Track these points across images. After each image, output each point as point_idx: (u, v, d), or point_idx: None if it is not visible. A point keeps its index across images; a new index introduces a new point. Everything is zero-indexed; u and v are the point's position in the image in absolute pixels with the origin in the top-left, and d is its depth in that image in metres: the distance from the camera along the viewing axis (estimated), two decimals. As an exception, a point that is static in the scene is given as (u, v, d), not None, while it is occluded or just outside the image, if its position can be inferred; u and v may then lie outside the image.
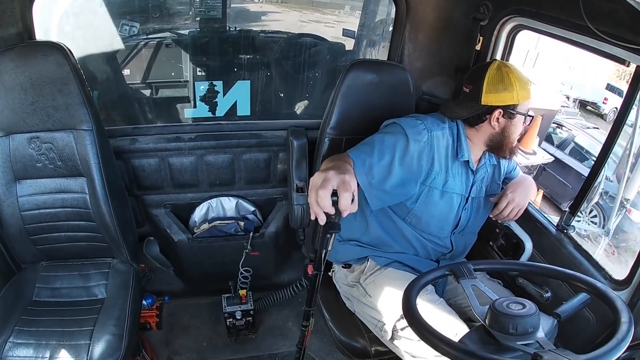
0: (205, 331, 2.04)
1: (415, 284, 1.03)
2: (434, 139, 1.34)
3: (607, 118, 11.22)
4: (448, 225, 1.44)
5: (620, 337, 0.84)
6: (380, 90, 1.55)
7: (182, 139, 1.83)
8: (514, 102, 1.32)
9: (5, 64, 1.37)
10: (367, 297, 1.41)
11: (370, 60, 1.93)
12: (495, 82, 1.32)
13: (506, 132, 1.36)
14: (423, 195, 1.37)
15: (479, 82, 1.33)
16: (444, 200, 1.39)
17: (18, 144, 1.45)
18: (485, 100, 1.33)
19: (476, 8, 1.57)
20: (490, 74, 1.32)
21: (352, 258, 1.50)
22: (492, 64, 1.34)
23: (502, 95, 1.32)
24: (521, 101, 1.33)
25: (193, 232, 1.94)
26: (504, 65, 1.34)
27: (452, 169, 1.38)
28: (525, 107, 1.36)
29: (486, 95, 1.32)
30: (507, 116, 1.34)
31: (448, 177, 1.37)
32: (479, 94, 1.33)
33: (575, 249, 1.34)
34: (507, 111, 1.33)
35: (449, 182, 1.37)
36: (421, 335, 0.91)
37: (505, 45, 1.59)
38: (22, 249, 1.56)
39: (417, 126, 1.33)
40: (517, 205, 1.43)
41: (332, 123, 1.56)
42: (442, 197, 1.38)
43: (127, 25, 2.01)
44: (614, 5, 1.06)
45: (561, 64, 11.47)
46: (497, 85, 1.32)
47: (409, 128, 1.32)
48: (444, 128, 1.37)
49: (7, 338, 1.32)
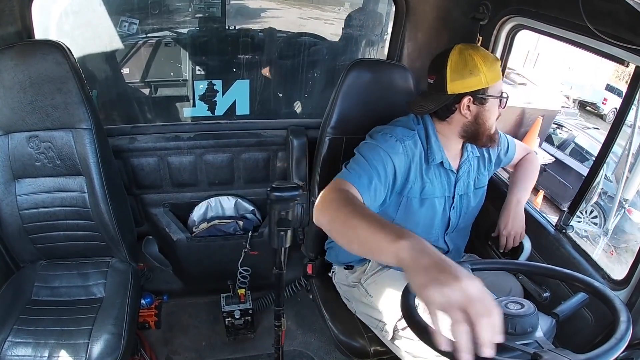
0: (204, 330, 2.04)
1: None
2: (408, 149, 1.27)
3: (606, 118, 11.23)
4: (436, 229, 1.40)
5: (619, 337, 0.83)
6: (382, 90, 1.54)
7: (181, 138, 1.83)
8: (483, 85, 1.23)
9: (4, 62, 1.36)
10: (368, 297, 1.40)
11: (371, 60, 1.93)
12: (459, 67, 1.22)
13: (480, 119, 1.27)
14: (402, 206, 1.32)
15: (442, 71, 1.24)
16: (425, 207, 1.34)
17: (17, 143, 1.44)
18: (452, 88, 1.24)
19: (476, 8, 1.57)
20: (453, 60, 1.23)
21: (354, 259, 1.49)
22: (453, 49, 1.25)
23: (469, 80, 1.22)
24: (491, 83, 1.23)
25: (192, 232, 1.94)
26: (466, 48, 1.24)
27: (428, 175, 1.32)
28: (497, 88, 1.26)
29: (451, 83, 1.23)
30: (477, 102, 1.25)
31: (425, 184, 1.31)
32: (443, 83, 1.24)
33: (574, 249, 1.35)
34: (477, 97, 1.24)
35: (427, 188, 1.32)
36: (420, 335, 0.91)
37: (504, 44, 1.59)
38: (21, 248, 1.56)
39: (389, 141, 1.25)
40: (515, 233, 1.44)
41: (332, 123, 1.55)
42: (422, 205, 1.33)
43: (126, 22, 2.01)
44: (613, 5, 1.06)
45: (561, 65, 11.49)
46: (462, 71, 1.22)
47: (383, 144, 1.25)
48: (414, 135, 1.29)
49: (5, 337, 1.32)
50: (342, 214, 0.93)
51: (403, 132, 1.28)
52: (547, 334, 0.91)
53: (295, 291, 1.93)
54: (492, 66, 1.23)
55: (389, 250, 0.75)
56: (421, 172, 1.30)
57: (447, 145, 1.33)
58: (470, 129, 1.29)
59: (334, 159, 1.58)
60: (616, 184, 4.49)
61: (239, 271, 1.90)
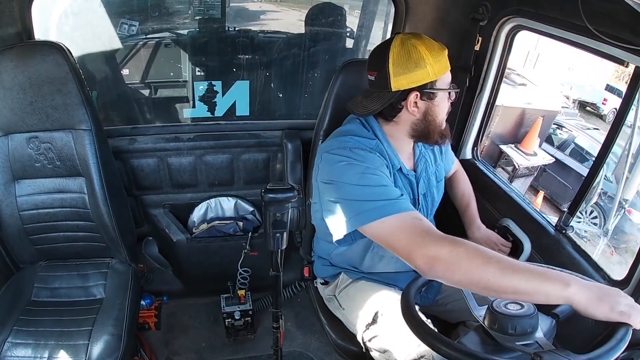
0: (203, 331, 2.03)
1: (413, 285, 1.03)
2: (384, 158, 1.17)
3: (606, 119, 11.23)
4: None
5: (619, 337, 0.83)
6: None
7: (181, 139, 1.83)
8: (430, 78, 1.11)
9: (4, 63, 1.37)
10: (341, 310, 1.40)
11: (363, 60, 1.93)
12: (402, 60, 1.10)
13: (429, 115, 1.16)
14: None
15: (383, 66, 1.11)
16: None
17: (17, 144, 1.44)
18: (396, 85, 1.11)
19: (475, 8, 1.57)
20: (394, 53, 1.10)
21: (327, 275, 1.49)
22: (394, 39, 1.12)
23: (414, 74, 1.10)
24: (438, 75, 1.12)
25: (192, 232, 1.94)
26: (408, 38, 1.11)
27: (398, 180, 1.24)
28: (445, 80, 1.15)
29: (395, 79, 1.11)
30: (425, 97, 1.13)
31: (402, 191, 1.18)
32: (386, 79, 1.11)
33: (574, 249, 1.34)
34: (424, 92, 1.12)
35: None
36: (420, 336, 0.91)
37: (504, 45, 1.59)
38: (21, 249, 1.56)
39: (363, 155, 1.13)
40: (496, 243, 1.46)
41: (325, 125, 1.52)
42: None
43: (126, 24, 2.01)
44: (612, 5, 1.06)
45: (561, 65, 11.50)
46: (406, 64, 1.09)
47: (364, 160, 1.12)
48: (378, 143, 1.18)
49: (5, 338, 1.32)
50: (488, 274, 0.90)
51: (366, 143, 1.17)
52: (547, 335, 0.91)
53: (295, 292, 1.93)
54: (438, 56, 1.11)
55: (561, 297, 0.87)
56: (394, 180, 1.21)
57: (399, 147, 1.24)
58: (419, 127, 1.18)
59: None
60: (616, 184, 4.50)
61: (239, 272, 1.90)
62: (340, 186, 1.10)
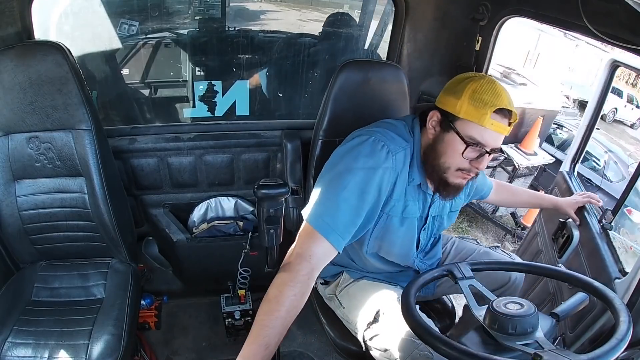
0: (204, 331, 2.04)
1: (413, 285, 1.03)
2: (397, 163, 1.15)
3: (606, 118, 11.23)
4: (413, 250, 1.33)
5: (619, 337, 0.84)
6: (374, 90, 1.52)
7: (181, 138, 1.83)
8: (455, 111, 1.08)
9: (4, 63, 1.36)
10: (342, 309, 1.40)
11: (362, 60, 1.93)
12: (453, 83, 1.13)
13: (437, 146, 1.13)
14: (381, 223, 1.23)
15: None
16: (405, 227, 1.26)
17: (17, 144, 1.44)
18: (439, 98, 1.15)
19: (475, 8, 1.57)
20: (461, 77, 1.13)
21: (328, 274, 1.48)
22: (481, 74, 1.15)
23: (448, 98, 1.11)
24: (463, 116, 1.07)
25: (192, 232, 1.94)
26: (481, 77, 1.10)
27: (411, 192, 1.22)
28: (470, 131, 1.08)
29: (441, 94, 1.15)
30: (442, 126, 1.12)
31: (407, 202, 1.22)
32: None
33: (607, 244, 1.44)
34: (444, 118, 1.11)
35: (409, 207, 1.23)
36: (420, 336, 0.91)
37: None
38: (21, 248, 1.56)
39: (379, 152, 1.13)
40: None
41: (324, 125, 1.53)
42: (402, 224, 1.24)
43: (126, 24, 2.01)
44: (613, 5, 1.06)
45: (561, 65, 11.50)
46: (451, 87, 1.12)
47: (369, 157, 1.12)
48: (406, 147, 1.17)
49: (5, 338, 1.32)
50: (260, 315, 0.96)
51: (396, 142, 1.16)
52: (547, 334, 0.91)
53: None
54: (479, 105, 1.06)
55: None
56: (405, 190, 1.20)
57: None
58: (427, 153, 1.17)
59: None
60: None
61: (239, 272, 1.89)
62: (327, 173, 1.15)
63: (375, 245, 1.28)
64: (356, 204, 1.09)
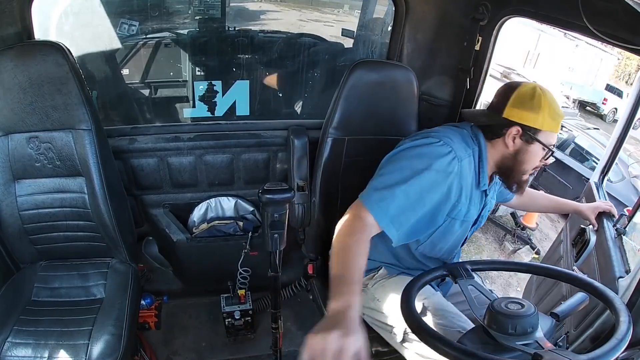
0: (204, 331, 2.04)
1: (413, 286, 1.03)
2: (463, 169, 1.21)
3: (606, 119, 11.24)
4: (458, 248, 1.41)
5: (619, 337, 0.84)
6: (385, 90, 1.54)
7: (181, 138, 1.83)
8: (537, 126, 1.18)
9: (4, 63, 1.36)
10: (375, 301, 1.39)
11: (374, 61, 1.93)
12: (524, 97, 1.19)
13: (519, 156, 1.22)
14: (444, 226, 1.28)
15: (506, 94, 1.21)
16: (462, 228, 1.32)
17: (17, 144, 1.44)
18: (507, 113, 1.20)
19: (475, 8, 1.57)
20: (522, 89, 1.20)
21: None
22: (528, 83, 1.23)
23: (526, 113, 1.18)
24: (545, 129, 1.19)
25: (192, 232, 1.94)
26: (540, 87, 1.20)
27: (474, 197, 1.28)
28: (549, 139, 1.20)
29: (510, 108, 1.19)
30: (524, 139, 1.20)
31: (470, 206, 1.28)
32: (503, 105, 1.21)
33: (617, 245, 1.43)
34: (526, 132, 1.18)
35: (471, 211, 1.29)
36: (420, 336, 0.91)
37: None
38: (21, 248, 1.56)
39: (446, 156, 1.18)
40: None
41: (334, 123, 1.55)
42: (460, 226, 1.30)
43: (126, 24, 2.01)
44: (613, 5, 1.06)
45: (561, 65, 11.50)
46: (525, 102, 1.18)
47: (437, 160, 1.17)
48: (470, 154, 1.23)
49: (5, 338, 1.32)
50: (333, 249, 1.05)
51: (461, 147, 1.21)
52: (547, 334, 0.91)
53: (295, 292, 1.93)
54: (555, 116, 1.19)
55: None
56: (470, 194, 1.26)
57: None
58: (507, 162, 1.25)
59: (336, 159, 1.58)
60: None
61: (239, 272, 1.90)
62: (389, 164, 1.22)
63: (430, 245, 1.33)
64: (414, 200, 1.15)
